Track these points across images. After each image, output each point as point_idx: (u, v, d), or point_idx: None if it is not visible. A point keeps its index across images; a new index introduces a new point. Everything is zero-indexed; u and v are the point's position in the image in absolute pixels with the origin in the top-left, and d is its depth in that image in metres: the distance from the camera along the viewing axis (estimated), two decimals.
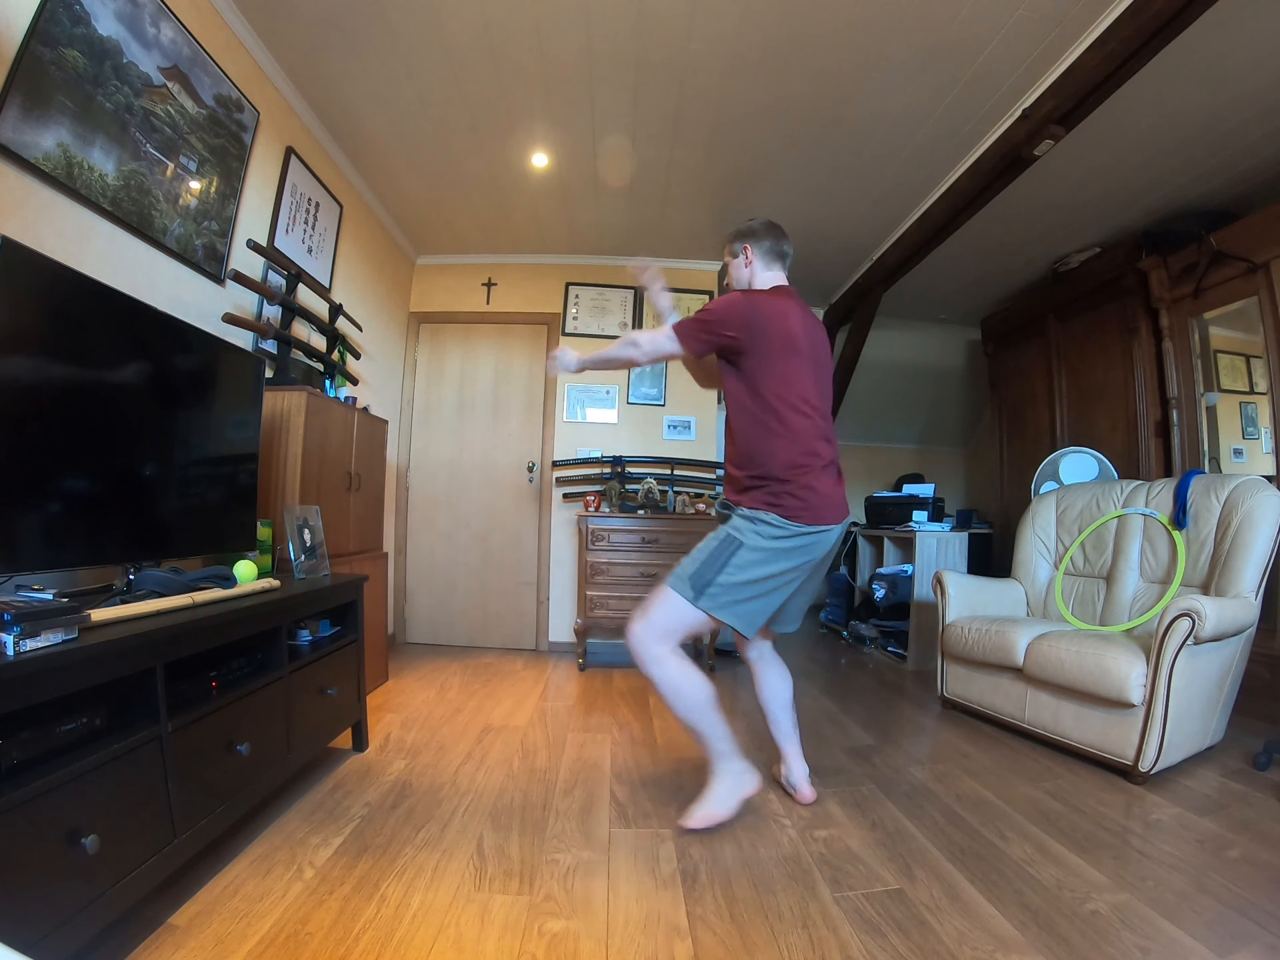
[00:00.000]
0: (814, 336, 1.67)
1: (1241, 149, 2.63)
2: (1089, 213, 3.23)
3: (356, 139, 2.81)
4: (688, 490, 3.75)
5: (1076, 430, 3.76)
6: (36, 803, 0.88)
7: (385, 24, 2.12)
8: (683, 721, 1.59)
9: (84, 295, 1.29)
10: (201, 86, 1.97)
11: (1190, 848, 1.50)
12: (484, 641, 3.81)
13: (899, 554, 3.86)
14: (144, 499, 1.46)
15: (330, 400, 2.40)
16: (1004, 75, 2.26)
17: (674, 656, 1.54)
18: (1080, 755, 2.07)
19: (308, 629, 1.87)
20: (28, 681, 0.88)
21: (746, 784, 1.65)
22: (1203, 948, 1.14)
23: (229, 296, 2.17)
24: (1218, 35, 2.00)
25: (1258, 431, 2.85)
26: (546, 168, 2.98)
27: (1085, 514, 2.74)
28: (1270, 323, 2.67)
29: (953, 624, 2.60)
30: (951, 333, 4.99)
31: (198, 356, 1.65)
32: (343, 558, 2.43)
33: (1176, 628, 1.84)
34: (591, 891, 1.31)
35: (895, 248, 3.56)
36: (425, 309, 3.97)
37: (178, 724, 1.17)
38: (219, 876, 1.31)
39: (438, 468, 3.91)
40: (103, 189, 1.63)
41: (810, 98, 2.43)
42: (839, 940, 1.16)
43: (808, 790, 1.75)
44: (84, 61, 1.55)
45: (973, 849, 1.50)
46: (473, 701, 2.65)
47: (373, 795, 1.72)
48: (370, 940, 1.13)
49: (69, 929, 0.91)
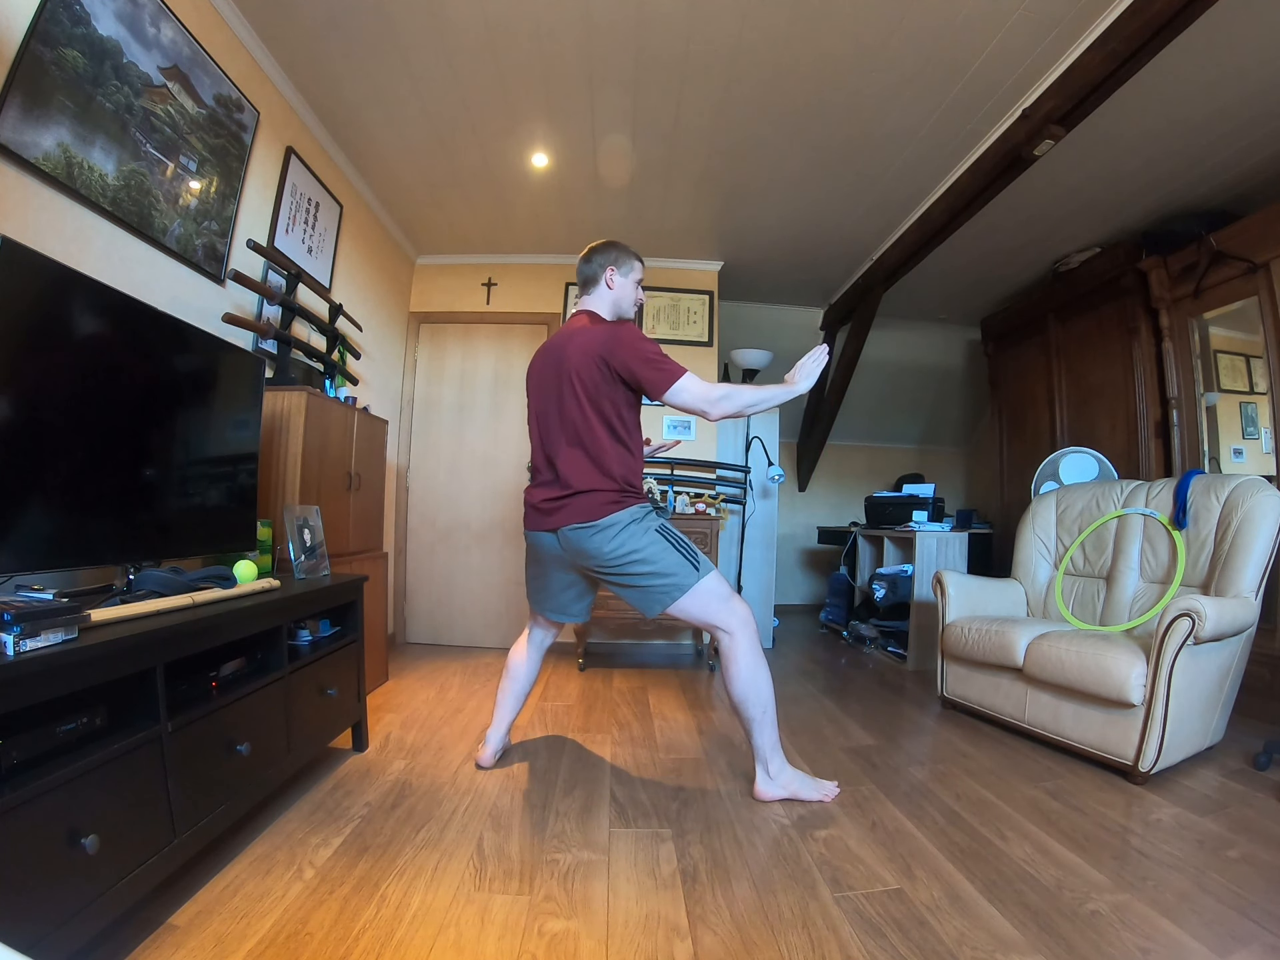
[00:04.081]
0: (545, 363, 1.83)
1: (1241, 149, 2.62)
2: (1089, 213, 3.23)
3: (356, 139, 2.81)
4: (688, 490, 3.75)
5: (1076, 430, 3.76)
6: (36, 803, 0.88)
7: (385, 24, 2.12)
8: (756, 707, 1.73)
9: (84, 295, 1.29)
10: (201, 86, 1.97)
11: (1190, 848, 1.50)
12: (484, 641, 3.81)
13: (899, 554, 3.86)
14: (144, 499, 1.46)
15: (330, 400, 2.40)
16: (1004, 75, 2.26)
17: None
18: (1080, 755, 2.07)
19: (308, 629, 1.87)
20: (28, 681, 0.88)
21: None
22: (1203, 948, 1.14)
23: (229, 296, 2.17)
24: (1218, 35, 1.99)
25: (1258, 431, 2.85)
26: (546, 168, 2.98)
27: (1085, 514, 2.74)
28: (1270, 323, 2.67)
29: (953, 624, 2.60)
30: (951, 333, 4.99)
31: (198, 356, 1.65)
32: (343, 558, 2.43)
33: (1176, 628, 1.84)
34: (591, 891, 1.31)
35: (895, 248, 3.56)
36: (425, 309, 3.96)
37: (178, 724, 1.17)
38: (219, 876, 1.31)
39: (438, 468, 3.91)
40: (103, 189, 1.63)
41: (810, 98, 2.43)
42: (839, 940, 1.16)
43: (486, 754, 1.95)
44: (84, 61, 1.55)
45: (973, 849, 1.50)
46: (473, 701, 2.65)
47: (373, 795, 1.72)
48: (370, 940, 1.13)
49: (69, 929, 0.91)
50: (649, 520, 1.73)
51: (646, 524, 1.71)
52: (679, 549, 1.71)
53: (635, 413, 1.80)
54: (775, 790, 1.75)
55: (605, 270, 1.84)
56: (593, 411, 1.71)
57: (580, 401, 1.72)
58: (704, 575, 1.71)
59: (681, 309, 4.00)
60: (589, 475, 1.71)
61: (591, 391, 1.71)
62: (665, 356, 1.69)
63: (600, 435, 1.71)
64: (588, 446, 1.72)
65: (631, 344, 1.69)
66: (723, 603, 1.72)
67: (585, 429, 1.72)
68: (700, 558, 1.73)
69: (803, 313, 4.80)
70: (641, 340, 1.71)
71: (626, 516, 1.69)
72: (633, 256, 1.89)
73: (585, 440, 1.72)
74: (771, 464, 3.91)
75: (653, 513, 1.77)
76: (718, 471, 3.90)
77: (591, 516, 1.68)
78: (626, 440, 1.76)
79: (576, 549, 1.72)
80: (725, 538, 3.80)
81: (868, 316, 4.16)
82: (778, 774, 1.76)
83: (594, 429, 1.71)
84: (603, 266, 1.84)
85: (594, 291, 1.86)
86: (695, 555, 1.73)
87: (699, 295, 4.01)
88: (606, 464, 1.71)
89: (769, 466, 3.91)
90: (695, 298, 4.01)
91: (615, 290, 1.85)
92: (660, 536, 1.71)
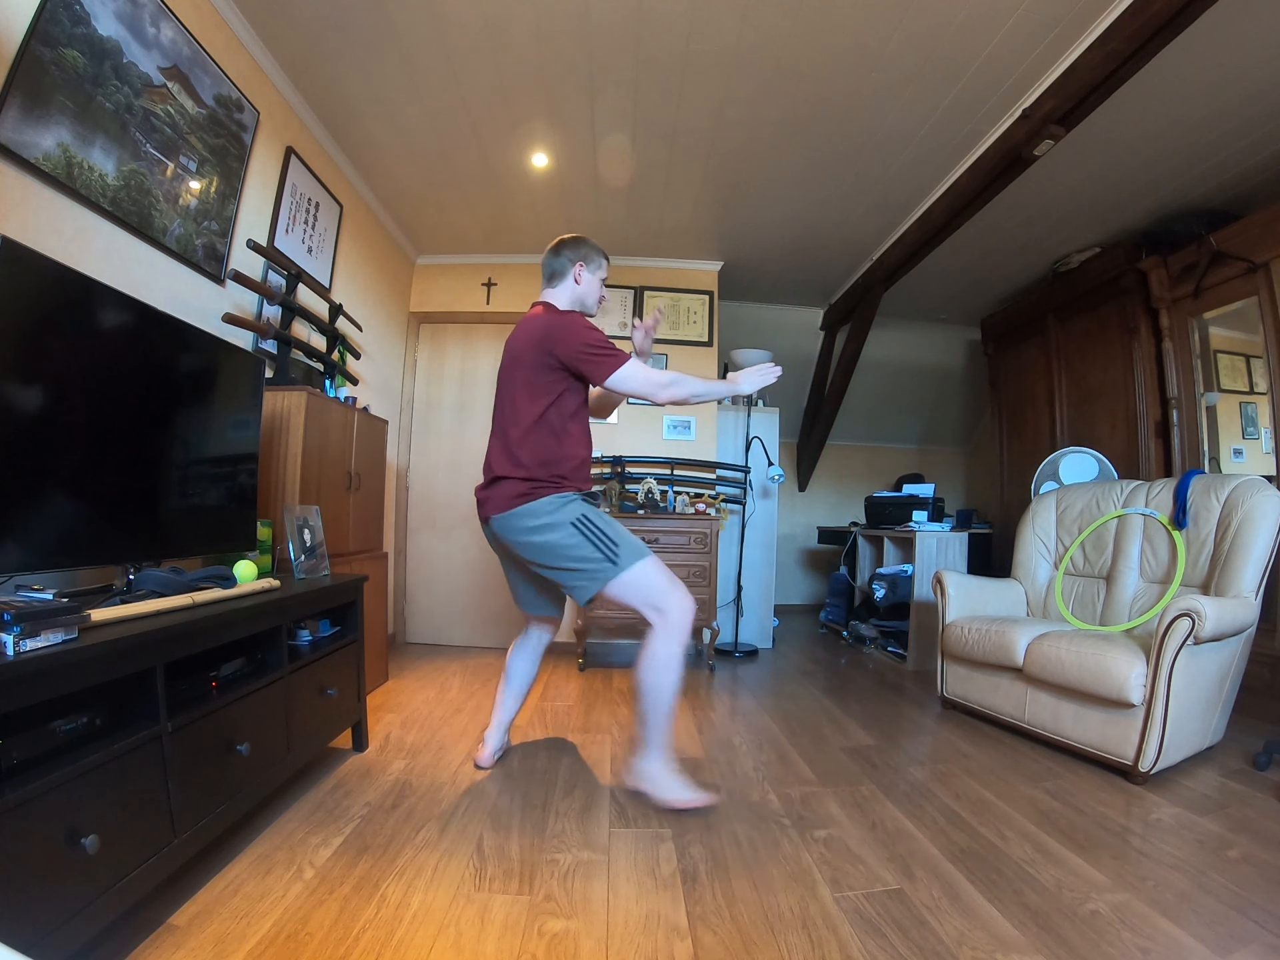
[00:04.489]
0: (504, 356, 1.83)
1: (1241, 149, 2.62)
2: (1089, 213, 3.23)
3: (356, 139, 2.81)
4: (688, 490, 3.75)
5: (1076, 430, 3.76)
6: (36, 803, 0.87)
7: (385, 24, 2.12)
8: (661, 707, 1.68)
9: (84, 295, 1.29)
10: (201, 86, 1.97)
11: (1190, 848, 1.50)
12: (484, 641, 3.81)
13: (899, 554, 3.86)
14: (144, 499, 1.46)
15: (330, 400, 2.40)
16: (1004, 75, 2.26)
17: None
18: (1080, 755, 2.07)
19: (308, 629, 1.87)
20: (28, 681, 0.88)
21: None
22: (1203, 948, 1.14)
23: (229, 296, 2.17)
24: (1218, 35, 1.99)
25: (1258, 431, 2.85)
26: (546, 168, 2.98)
27: (1085, 514, 2.74)
28: (1270, 323, 2.67)
29: (953, 624, 2.60)
30: (951, 333, 4.99)
31: (198, 356, 1.65)
32: (343, 558, 2.43)
33: (1176, 628, 1.84)
34: (591, 891, 1.31)
35: (895, 248, 3.56)
36: (425, 309, 3.96)
37: (178, 724, 1.17)
38: (219, 876, 1.31)
39: (438, 468, 3.91)
40: (103, 189, 1.63)
41: (810, 98, 2.43)
42: (839, 940, 1.16)
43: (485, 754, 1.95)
44: (84, 61, 1.55)
45: (973, 849, 1.50)
46: (473, 701, 2.65)
47: (373, 795, 1.72)
48: (370, 940, 1.13)
49: (69, 929, 0.91)
50: (565, 511, 1.67)
51: (563, 515, 1.66)
52: (595, 541, 1.65)
53: (577, 400, 1.78)
54: (643, 782, 1.70)
55: (574, 265, 1.84)
56: (525, 399, 1.72)
57: (515, 389, 1.73)
58: (626, 568, 1.64)
59: (681, 309, 4.00)
60: (502, 463, 1.73)
61: (530, 378, 1.71)
62: (609, 345, 1.68)
63: (522, 422, 1.71)
64: (507, 434, 1.74)
65: (575, 331, 1.68)
66: (653, 592, 1.66)
67: (511, 417, 1.74)
68: (622, 549, 1.66)
69: (803, 313, 4.80)
70: (586, 329, 1.70)
71: (541, 507, 1.67)
72: (601, 254, 1.90)
73: (507, 428, 1.74)
74: (771, 464, 3.91)
75: (574, 502, 1.70)
76: (718, 471, 3.90)
77: (504, 507, 1.69)
78: (559, 428, 1.73)
79: (501, 540, 1.75)
80: (725, 538, 3.80)
81: (868, 316, 4.16)
82: (651, 770, 1.70)
83: (519, 416, 1.72)
84: (572, 261, 1.84)
85: (559, 285, 1.86)
86: (615, 547, 1.65)
87: (699, 295, 4.02)
88: (516, 452, 1.71)
89: (769, 466, 3.91)
90: (695, 298, 4.01)
91: (582, 286, 1.85)
92: (576, 529, 1.65)
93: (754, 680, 3.20)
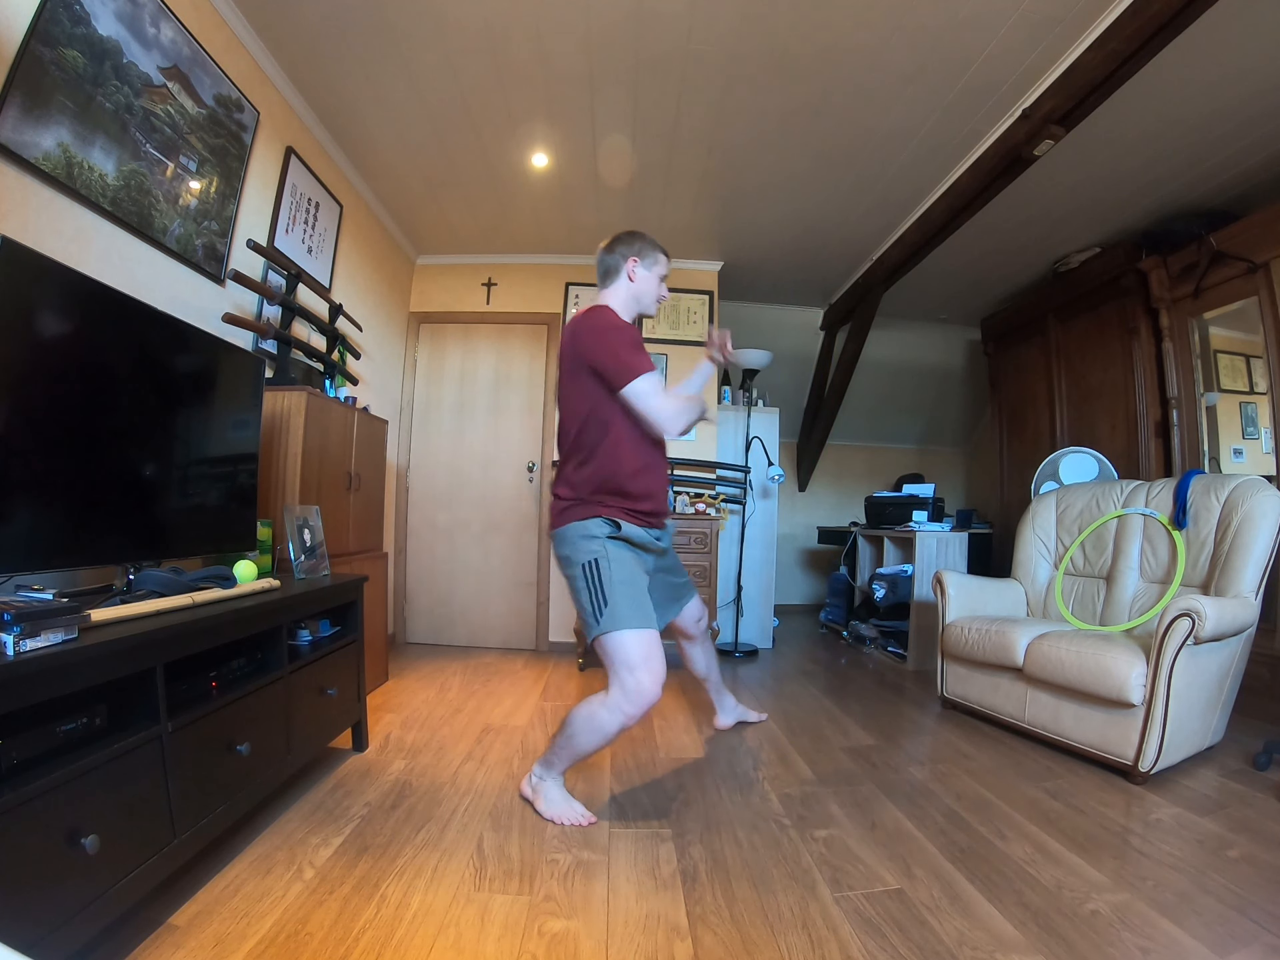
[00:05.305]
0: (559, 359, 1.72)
1: (1241, 149, 2.62)
2: (1089, 213, 3.23)
3: (356, 139, 2.81)
4: (688, 490, 3.75)
5: (1076, 430, 3.77)
6: (36, 803, 0.87)
7: (385, 24, 2.12)
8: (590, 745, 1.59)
9: (84, 295, 1.29)
10: (201, 86, 1.97)
11: (1190, 848, 1.50)
12: (484, 641, 3.81)
13: (899, 554, 3.86)
14: (144, 499, 1.46)
15: (330, 400, 2.40)
16: (1004, 75, 2.26)
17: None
18: (1080, 755, 2.07)
19: (308, 629, 1.87)
20: (28, 681, 0.88)
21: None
22: (1203, 948, 1.14)
23: (229, 296, 2.17)
24: (1218, 35, 1.99)
25: (1258, 431, 2.85)
26: (546, 168, 2.98)
27: (1085, 514, 2.74)
28: (1270, 323, 2.67)
29: (953, 624, 2.60)
30: (951, 333, 4.99)
31: (198, 356, 1.65)
32: (343, 558, 2.43)
33: (1176, 628, 1.84)
34: (591, 891, 1.31)
35: (895, 248, 3.56)
36: (425, 309, 3.96)
37: (178, 724, 1.17)
38: (219, 876, 1.31)
39: (438, 468, 3.91)
40: (103, 189, 1.63)
41: (810, 97, 2.43)
42: (839, 940, 1.16)
43: (741, 714, 2.15)
44: (84, 61, 1.55)
45: (973, 849, 1.50)
46: (473, 701, 2.65)
47: (373, 795, 1.72)
48: (370, 940, 1.13)
49: (69, 929, 0.91)
50: (583, 548, 1.56)
51: (580, 552, 1.56)
52: (591, 591, 1.54)
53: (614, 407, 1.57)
54: (536, 796, 1.66)
55: (628, 261, 1.69)
56: (566, 409, 1.65)
57: (560, 399, 1.68)
58: (609, 631, 1.51)
59: (681, 309, 4.00)
60: (556, 479, 1.70)
61: (569, 385, 1.62)
62: (630, 349, 1.53)
63: (567, 433, 1.65)
64: (560, 447, 1.69)
65: (599, 330, 1.54)
66: (621, 665, 1.50)
67: (561, 428, 1.69)
68: (608, 610, 1.51)
69: (803, 313, 4.80)
70: (611, 329, 1.55)
71: (569, 533, 1.59)
72: (658, 249, 1.73)
73: (560, 441, 1.69)
74: (771, 464, 3.91)
75: (597, 540, 1.56)
76: (718, 471, 3.90)
77: (551, 526, 1.67)
78: (600, 440, 1.58)
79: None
80: (725, 538, 3.80)
81: (868, 316, 4.16)
82: (546, 788, 1.65)
83: (564, 426, 1.67)
84: (625, 256, 1.69)
85: (612, 284, 1.71)
86: (602, 606, 1.52)
87: (699, 295, 4.01)
88: (562, 468, 1.67)
89: (769, 466, 3.91)
90: (695, 298, 4.01)
91: (637, 283, 1.69)
92: (583, 572, 1.55)
93: (754, 680, 3.20)
